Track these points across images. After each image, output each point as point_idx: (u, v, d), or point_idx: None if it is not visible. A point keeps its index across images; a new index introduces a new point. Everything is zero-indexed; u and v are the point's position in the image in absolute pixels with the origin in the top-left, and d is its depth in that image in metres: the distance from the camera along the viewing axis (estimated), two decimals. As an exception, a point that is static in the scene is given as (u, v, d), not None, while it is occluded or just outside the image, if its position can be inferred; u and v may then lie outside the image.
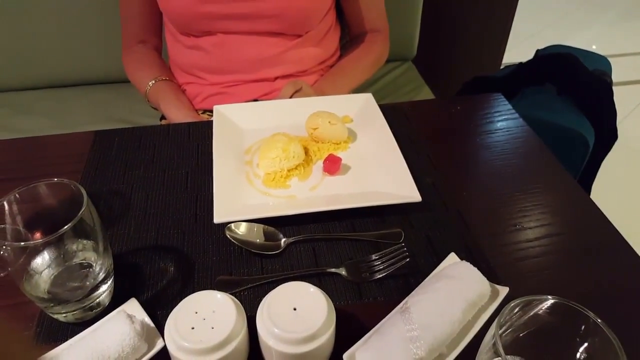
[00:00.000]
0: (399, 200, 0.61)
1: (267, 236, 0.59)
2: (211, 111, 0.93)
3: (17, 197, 0.48)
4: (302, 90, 0.88)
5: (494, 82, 1.42)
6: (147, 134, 0.76)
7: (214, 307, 0.44)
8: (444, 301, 0.48)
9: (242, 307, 0.46)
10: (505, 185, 0.69)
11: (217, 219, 0.58)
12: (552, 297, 0.38)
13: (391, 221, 0.62)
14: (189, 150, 0.73)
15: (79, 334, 0.48)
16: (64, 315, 0.50)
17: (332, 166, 0.67)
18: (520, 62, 1.40)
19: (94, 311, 0.51)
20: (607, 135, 1.28)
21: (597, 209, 0.65)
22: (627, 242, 0.60)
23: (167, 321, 0.44)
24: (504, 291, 0.51)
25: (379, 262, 0.56)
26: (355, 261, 0.57)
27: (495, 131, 0.79)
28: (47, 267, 0.49)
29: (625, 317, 0.52)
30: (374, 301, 0.53)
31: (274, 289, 0.46)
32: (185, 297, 0.45)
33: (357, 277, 0.55)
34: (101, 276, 0.51)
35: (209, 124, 0.75)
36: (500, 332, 0.38)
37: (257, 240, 0.58)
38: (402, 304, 0.50)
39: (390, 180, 0.65)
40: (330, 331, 0.43)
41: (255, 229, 0.59)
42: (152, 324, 0.49)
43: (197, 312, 0.44)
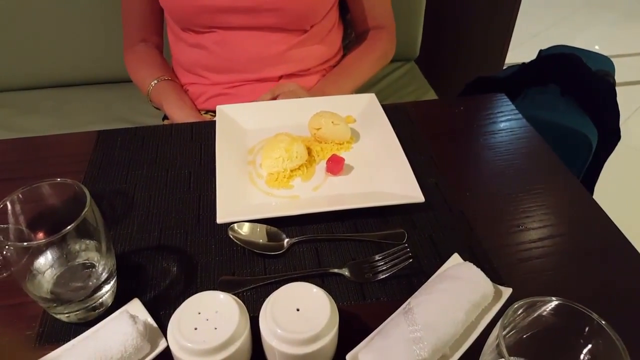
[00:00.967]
0: (402, 200, 0.61)
1: (270, 236, 0.58)
2: (214, 111, 0.93)
3: (20, 197, 0.48)
4: (293, 92, 0.88)
5: (496, 83, 1.42)
6: (150, 134, 0.76)
7: (216, 307, 0.44)
8: (447, 302, 0.47)
9: (245, 307, 0.46)
10: (508, 185, 0.68)
11: (220, 219, 0.58)
12: (556, 298, 0.38)
13: (394, 222, 0.62)
14: (192, 150, 0.73)
15: (82, 334, 0.48)
16: (66, 315, 0.50)
17: (335, 166, 0.67)
18: (523, 63, 1.40)
19: (97, 311, 0.51)
20: (610, 135, 1.28)
21: (600, 210, 0.65)
22: (630, 244, 0.60)
23: (170, 321, 0.44)
24: (507, 292, 0.51)
25: (382, 263, 0.55)
26: (358, 262, 0.56)
27: (498, 131, 0.79)
28: (49, 267, 0.49)
29: (628, 318, 0.52)
30: (377, 302, 0.53)
31: (277, 289, 0.46)
32: (188, 298, 0.45)
33: (360, 277, 0.55)
34: (104, 276, 0.51)
35: (212, 124, 0.75)
36: (504, 333, 0.38)
37: (260, 240, 0.58)
38: (405, 304, 0.49)
39: (393, 180, 0.65)
40: (333, 332, 0.43)
41: (258, 229, 0.58)
42: (155, 324, 0.49)
43: (200, 313, 0.44)
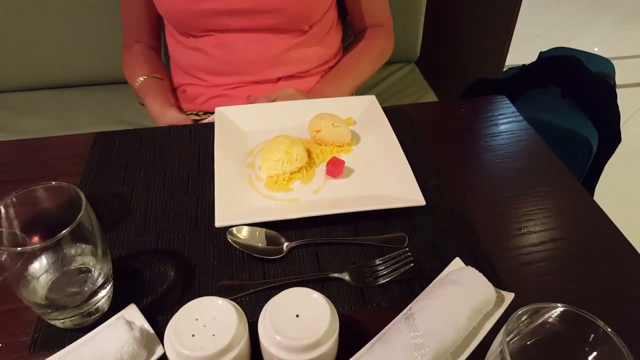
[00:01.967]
0: (403, 204, 0.60)
1: (269, 240, 0.58)
2: (212, 113, 0.93)
3: (14, 200, 0.47)
4: (292, 96, 0.88)
5: (497, 84, 1.41)
6: (148, 136, 0.75)
7: (214, 313, 0.44)
8: (449, 307, 0.47)
9: (243, 313, 0.45)
10: (509, 188, 0.68)
11: (219, 222, 0.57)
12: (561, 305, 0.38)
13: (395, 225, 0.61)
14: (190, 152, 0.72)
15: (77, 340, 0.48)
16: (61, 321, 0.49)
17: (335, 169, 0.66)
18: (523, 64, 1.40)
19: (93, 317, 0.50)
20: (611, 137, 1.27)
21: (602, 213, 0.64)
22: (632, 246, 0.59)
23: (167, 328, 0.43)
24: (509, 297, 0.50)
25: (382, 267, 0.55)
26: (358, 266, 0.56)
27: (499, 134, 0.78)
28: (44, 272, 0.48)
29: (630, 321, 0.51)
30: (378, 307, 0.52)
31: (276, 294, 0.45)
32: (185, 303, 0.44)
33: (361, 282, 0.54)
34: (100, 281, 0.50)
35: (210, 126, 0.74)
36: (507, 339, 0.37)
37: (259, 244, 0.57)
38: (406, 310, 0.49)
39: (394, 183, 0.64)
40: (333, 338, 0.43)
41: (257, 233, 0.58)
42: (152, 331, 0.48)
43: (197, 319, 0.43)
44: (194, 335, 0.42)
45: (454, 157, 0.73)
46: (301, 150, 0.67)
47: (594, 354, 0.38)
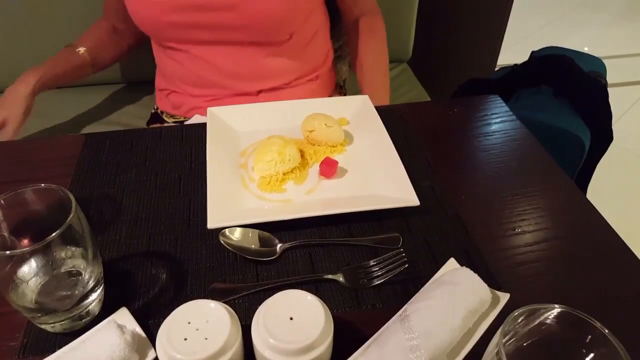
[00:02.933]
0: (397, 204, 0.60)
1: (263, 242, 0.57)
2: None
3: (3, 203, 0.46)
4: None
5: (489, 84, 1.42)
6: (139, 137, 0.75)
7: (207, 316, 0.43)
8: (444, 309, 0.46)
9: (236, 316, 0.44)
10: (503, 188, 0.68)
11: (211, 224, 0.57)
12: (558, 306, 0.37)
13: (389, 225, 0.61)
14: (182, 153, 0.72)
15: (68, 344, 0.47)
16: (52, 325, 0.48)
17: (329, 169, 0.66)
18: (515, 64, 1.40)
19: (84, 321, 0.49)
20: (603, 136, 1.28)
21: (595, 212, 0.64)
22: (626, 245, 0.59)
23: (159, 331, 0.42)
24: (504, 298, 0.50)
25: (377, 268, 0.54)
26: (352, 267, 0.55)
27: (492, 133, 0.78)
28: (34, 276, 0.48)
29: (624, 321, 0.51)
30: (372, 308, 0.52)
31: (269, 296, 0.45)
32: (178, 306, 0.44)
33: (355, 283, 0.54)
34: (91, 284, 0.49)
35: (202, 127, 0.73)
36: (504, 340, 0.37)
37: (252, 246, 0.56)
38: (401, 311, 0.48)
39: (387, 183, 0.64)
40: (328, 341, 0.42)
41: (250, 235, 0.57)
42: (144, 334, 0.48)
43: (190, 322, 0.42)
44: (186, 339, 0.41)
45: (448, 157, 0.73)
46: (294, 150, 0.66)
47: (591, 355, 0.38)
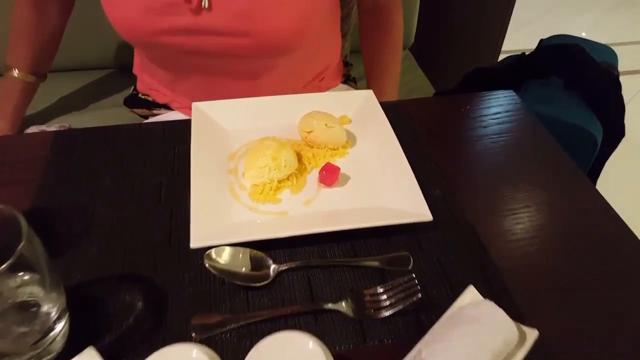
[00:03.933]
0: (407, 219, 0.53)
1: (254, 263, 0.50)
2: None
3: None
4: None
5: (495, 74, 1.34)
6: (115, 135, 0.66)
7: (187, 367, 0.36)
8: (465, 353, 0.40)
9: (222, 364, 0.37)
10: (523, 197, 0.61)
11: (195, 243, 0.49)
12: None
13: (397, 242, 0.54)
14: (164, 154, 0.64)
15: (23, 394, 0.40)
16: (3, 370, 0.41)
17: (329, 177, 0.58)
18: (523, 53, 1.32)
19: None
20: (615, 131, 1.21)
21: (623, 224, 0.57)
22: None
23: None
24: (532, 334, 0.44)
25: (385, 297, 0.47)
26: (357, 293, 0.48)
27: (508, 132, 0.71)
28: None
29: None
30: (380, 344, 0.45)
31: (261, 330, 0.38)
32: (154, 343, 0.37)
33: (360, 314, 0.47)
34: (52, 317, 0.42)
35: (187, 124, 0.65)
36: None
37: (243, 269, 0.49)
38: (415, 352, 0.42)
39: (396, 193, 0.57)
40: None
41: (240, 255, 0.50)
42: (113, 382, 0.41)
43: (166, 375, 0.35)
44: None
45: (460, 160, 0.66)
46: (290, 155, 0.59)
47: None
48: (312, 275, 0.50)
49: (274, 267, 0.50)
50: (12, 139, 0.67)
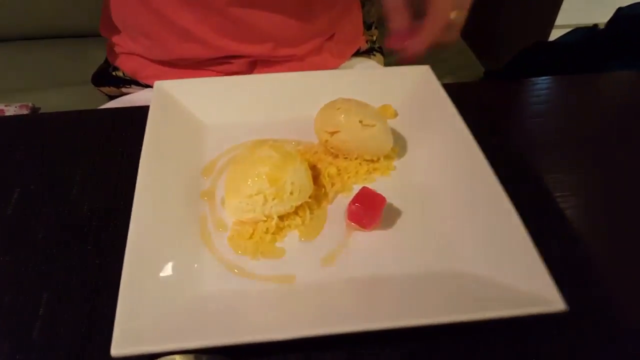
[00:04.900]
0: (517, 308, 0.29)
1: (229, 389, 0.26)
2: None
3: None
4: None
5: (558, 51, 1.08)
6: (38, 126, 0.43)
7: None
8: None
9: None
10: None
11: (118, 348, 0.26)
12: None
13: (490, 349, 0.30)
14: (104, 163, 0.40)
15: None
16: None
17: (368, 213, 0.34)
18: (594, 25, 1.06)
19: None
20: None
21: None
22: None
23: None
24: None
25: None
26: None
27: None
28: None
29: None
30: None
31: None
32: None
33: None
34: None
35: (143, 113, 0.41)
36: None
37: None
38: None
39: (486, 249, 0.33)
40: None
41: (202, 375, 0.26)
42: None
43: None
44: None
45: (577, 183, 0.41)
46: (301, 174, 0.35)
47: None
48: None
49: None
50: None
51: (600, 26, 1.07)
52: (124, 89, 0.69)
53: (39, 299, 0.31)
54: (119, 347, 0.26)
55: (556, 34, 1.17)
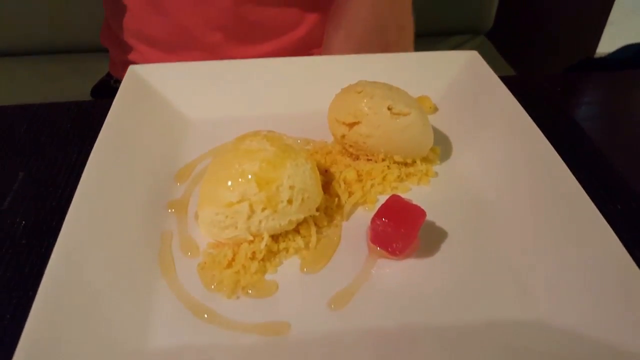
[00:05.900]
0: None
1: None
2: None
3: None
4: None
5: (609, 68, 0.98)
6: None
7: None
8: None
9: None
10: None
11: None
12: None
13: None
14: (58, 165, 0.31)
15: None
16: None
17: (399, 235, 0.23)
18: (648, 41, 0.96)
19: None
20: None
21: None
22: None
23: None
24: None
25: None
26: None
27: None
28: None
29: None
30: None
31: None
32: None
33: None
34: None
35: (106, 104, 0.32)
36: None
37: None
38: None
39: (581, 293, 0.21)
40: None
41: None
42: None
43: None
44: None
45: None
46: (305, 175, 0.24)
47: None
48: None
49: None
50: None
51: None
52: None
53: None
54: None
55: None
